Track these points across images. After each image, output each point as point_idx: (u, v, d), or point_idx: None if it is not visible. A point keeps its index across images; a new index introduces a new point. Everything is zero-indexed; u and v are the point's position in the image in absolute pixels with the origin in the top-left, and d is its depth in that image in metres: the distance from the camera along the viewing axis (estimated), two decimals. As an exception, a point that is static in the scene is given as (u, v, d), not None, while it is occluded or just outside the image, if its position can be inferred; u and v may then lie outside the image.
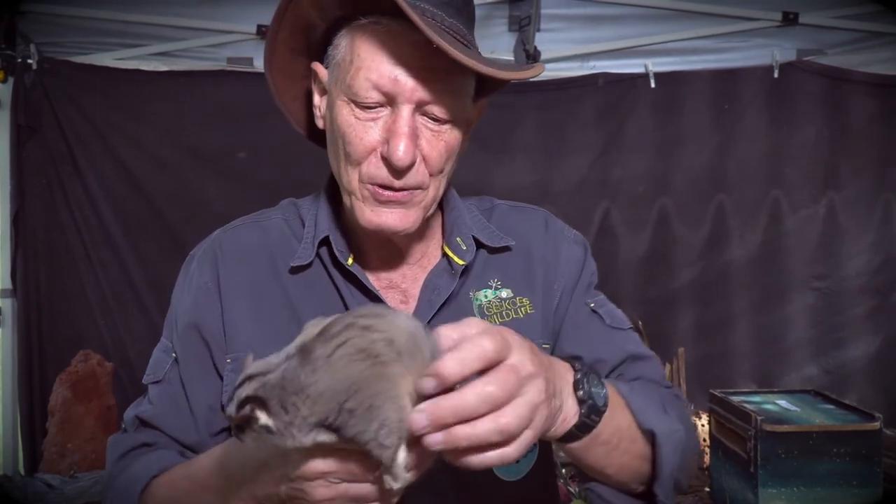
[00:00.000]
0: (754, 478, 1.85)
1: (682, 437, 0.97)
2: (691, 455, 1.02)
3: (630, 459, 0.94)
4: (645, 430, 0.94)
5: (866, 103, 3.06)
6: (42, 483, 2.34)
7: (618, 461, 0.92)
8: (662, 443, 0.94)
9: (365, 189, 0.99)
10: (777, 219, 3.12)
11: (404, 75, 0.93)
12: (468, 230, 1.10)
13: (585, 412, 0.83)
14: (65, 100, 2.90)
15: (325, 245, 1.07)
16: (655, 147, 3.12)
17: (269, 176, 2.84)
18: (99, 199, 2.94)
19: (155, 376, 1.09)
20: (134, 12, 2.88)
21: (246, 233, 1.12)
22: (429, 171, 0.99)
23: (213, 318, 1.06)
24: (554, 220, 1.20)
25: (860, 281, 3.09)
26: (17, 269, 2.90)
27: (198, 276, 1.08)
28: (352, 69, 0.96)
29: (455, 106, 0.97)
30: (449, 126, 0.98)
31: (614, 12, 3.00)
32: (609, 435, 0.88)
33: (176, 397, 1.07)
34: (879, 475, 1.84)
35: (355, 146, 0.97)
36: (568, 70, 3.08)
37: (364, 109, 0.96)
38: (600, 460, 0.91)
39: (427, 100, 0.94)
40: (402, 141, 0.93)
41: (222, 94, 2.91)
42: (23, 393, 2.89)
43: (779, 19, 3.00)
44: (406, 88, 0.93)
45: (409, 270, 1.10)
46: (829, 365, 3.09)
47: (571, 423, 0.83)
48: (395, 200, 0.98)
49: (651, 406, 0.96)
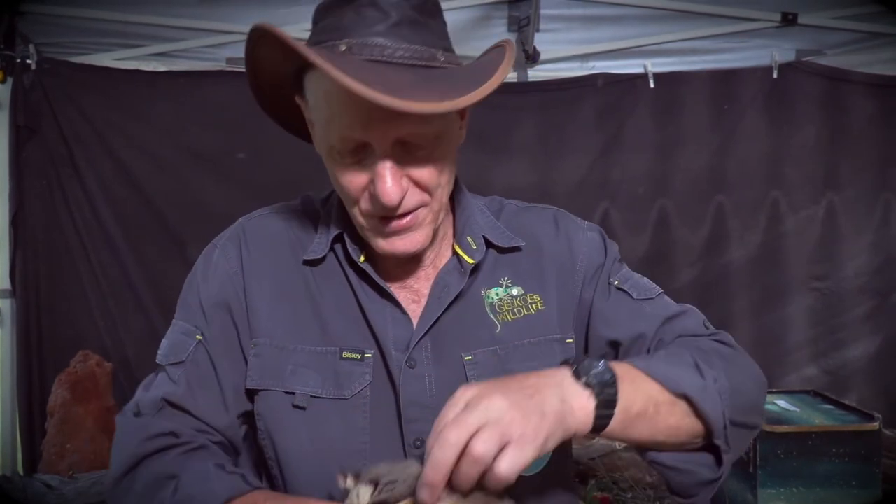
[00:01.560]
0: (753, 478, 1.85)
1: (723, 387, 0.96)
2: (747, 392, 1.01)
3: (678, 420, 0.94)
4: (678, 395, 0.93)
5: (866, 104, 3.06)
6: (41, 484, 2.34)
7: (664, 426, 0.93)
8: (699, 401, 0.93)
9: (370, 221, 1.01)
10: (776, 219, 3.12)
11: (373, 120, 0.90)
12: (479, 230, 1.11)
13: (598, 390, 0.85)
14: (64, 100, 2.89)
15: (340, 242, 1.09)
16: (655, 147, 3.12)
17: (269, 176, 2.84)
18: (98, 199, 2.94)
19: (176, 357, 1.06)
20: (133, 13, 2.87)
21: (270, 221, 1.14)
22: (427, 190, 0.99)
23: (239, 302, 1.07)
24: (564, 215, 1.21)
25: (860, 281, 3.09)
26: (16, 270, 2.89)
27: (224, 263, 1.10)
28: (324, 120, 0.96)
29: (432, 131, 0.95)
30: (436, 143, 0.96)
31: (614, 13, 2.99)
32: (643, 405, 0.89)
33: (203, 377, 1.05)
34: (879, 476, 1.84)
35: (348, 190, 0.99)
36: (567, 70, 3.08)
37: (347, 156, 0.96)
38: (646, 431, 0.92)
39: (402, 136, 0.92)
40: (385, 184, 0.93)
41: (222, 94, 2.91)
42: (22, 393, 2.88)
43: (778, 20, 3.00)
44: (377, 133, 0.92)
45: (422, 270, 1.11)
46: (828, 365, 3.09)
47: (591, 408, 0.85)
48: (402, 228, 1.00)
49: (676, 369, 0.95)
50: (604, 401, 0.86)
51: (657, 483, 2.30)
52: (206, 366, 1.06)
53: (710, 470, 0.99)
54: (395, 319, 1.06)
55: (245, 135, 2.89)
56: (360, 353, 1.04)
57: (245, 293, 1.08)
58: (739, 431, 0.99)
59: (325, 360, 1.04)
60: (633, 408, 0.89)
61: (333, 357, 1.04)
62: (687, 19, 3.03)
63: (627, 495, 2.21)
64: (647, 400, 0.90)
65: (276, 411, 1.04)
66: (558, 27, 3.02)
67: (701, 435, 0.97)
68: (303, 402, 1.03)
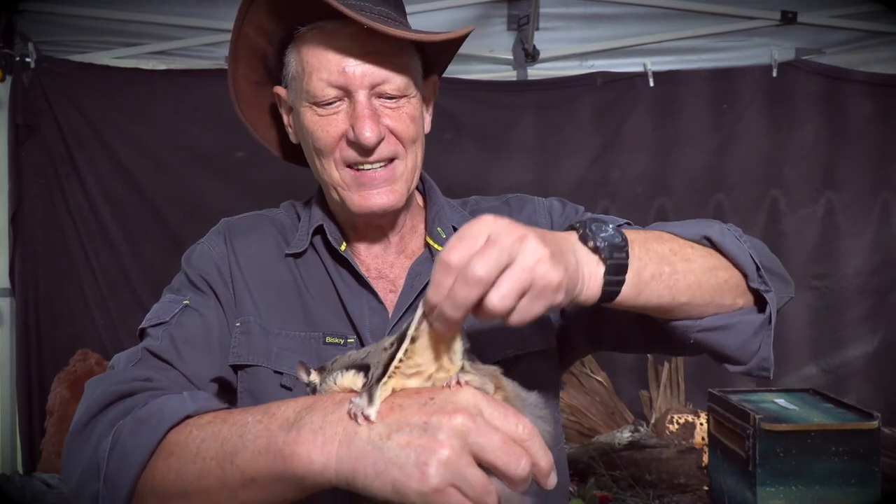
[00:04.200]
0: (753, 476, 1.85)
1: (740, 234, 0.97)
2: (765, 250, 1.01)
3: (698, 277, 0.91)
4: (695, 240, 0.93)
5: (865, 103, 3.06)
6: (40, 482, 2.34)
7: (685, 285, 0.89)
8: (720, 240, 0.93)
9: (346, 175, 1.06)
10: (775, 219, 3.12)
11: (351, 65, 1.02)
12: (448, 221, 1.17)
13: (607, 254, 0.82)
14: (63, 99, 2.89)
15: (320, 234, 1.13)
16: (654, 146, 3.12)
17: (267, 174, 2.83)
18: (97, 197, 2.94)
19: (160, 319, 1.06)
20: (132, 11, 2.87)
21: (252, 221, 1.20)
22: (400, 142, 1.06)
23: (225, 286, 1.11)
24: (521, 197, 1.25)
25: (858, 280, 3.09)
26: (15, 269, 2.89)
27: (210, 251, 1.14)
28: (305, 76, 1.05)
29: (405, 81, 1.05)
30: (405, 100, 1.06)
31: (613, 11, 2.99)
32: (655, 266, 0.87)
33: (189, 336, 1.05)
34: (878, 474, 1.84)
35: (323, 139, 1.05)
36: (566, 69, 3.08)
37: (324, 107, 1.04)
38: (666, 294, 0.88)
39: (378, 81, 1.03)
40: (365, 122, 1.01)
41: (221, 92, 2.88)
42: (21, 392, 2.88)
43: (777, 18, 3.00)
44: (356, 76, 1.02)
45: (397, 261, 1.15)
46: (827, 364, 3.10)
47: (601, 272, 0.82)
48: (379, 178, 1.06)
49: (689, 225, 0.96)
50: (613, 266, 0.82)
51: (656, 481, 2.30)
52: (193, 326, 1.06)
53: (758, 318, 0.97)
54: (371, 308, 1.08)
55: (244, 133, 2.85)
56: (342, 339, 1.07)
57: (231, 279, 1.11)
58: (773, 278, 0.97)
59: (308, 345, 1.07)
60: (645, 270, 0.85)
61: (317, 342, 1.07)
62: (686, 18, 3.03)
63: (627, 494, 2.21)
64: (660, 261, 0.87)
65: (266, 388, 1.05)
66: (558, 26, 3.02)
67: (732, 292, 0.94)
68: (289, 382, 1.04)
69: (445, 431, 0.68)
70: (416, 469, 0.67)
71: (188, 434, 0.82)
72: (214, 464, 0.78)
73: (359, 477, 0.69)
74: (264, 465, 0.74)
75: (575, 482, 2.31)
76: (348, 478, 0.70)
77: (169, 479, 0.81)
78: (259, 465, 0.75)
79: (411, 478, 0.67)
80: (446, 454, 0.67)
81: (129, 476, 0.82)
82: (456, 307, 0.69)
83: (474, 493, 0.67)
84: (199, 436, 0.81)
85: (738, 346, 0.98)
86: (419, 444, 0.68)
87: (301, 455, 0.72)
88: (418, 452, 0.67)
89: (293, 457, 0.72)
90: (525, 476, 0.69)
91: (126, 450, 0.83)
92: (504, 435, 0.69)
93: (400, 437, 0.69)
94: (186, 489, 0.80)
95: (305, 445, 0.72)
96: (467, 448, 0.68)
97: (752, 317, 0.98)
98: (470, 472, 0.67)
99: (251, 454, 0.75)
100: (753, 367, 1.01)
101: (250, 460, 0.75)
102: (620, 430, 2.48)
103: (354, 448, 0.70)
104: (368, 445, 0.70)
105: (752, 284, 0.96)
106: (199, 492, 0.79)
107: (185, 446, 0.81)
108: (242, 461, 0.76)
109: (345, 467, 0.70)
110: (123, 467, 0.82)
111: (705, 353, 1.01)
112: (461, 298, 0.69)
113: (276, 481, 0.75)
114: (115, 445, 0.84)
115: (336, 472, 0.71)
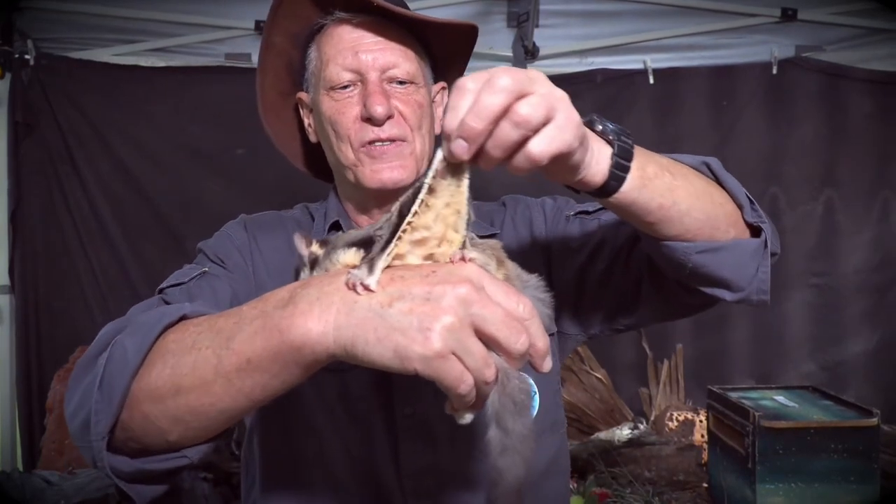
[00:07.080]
0: (752, 474, 1.85)
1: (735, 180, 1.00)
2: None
3: (697, 191, 0.94)
4: (694, 167, 0.96)
5: (865, 100, 3.05)
6: (40, 479, 2.34)
7: (685, 193, 0.91)
8: (718, 169, 0.99)
9: (360, 153, 1.14)
10: (775, 216, 3.11)
11: (364, 50, 1.13)
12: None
13: (615, 137, 0.85)
14: (62, 96, 2.89)
15: (336, 229, 1.20)
16: (654, 144, 3.05)
17: (268, 173, 2.83)
18: (97, 195, 2.93)
19: (177, 280, 1.06)
20: (131, 8, 2.86)
21: (270, 217, 1.26)
22: (408, 126, 1.15)
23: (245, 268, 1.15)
24: (514, 197, 1.33)
25: (858, 278, 3.09)
26: (14, 266, 2.89)
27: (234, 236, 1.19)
28: (323, 66, 1.16)
29: (414, 67, 1.16)
30: (414, 87, 1.16)
31: (613, 8, 2.99)
32: (657, 168, 0.89)
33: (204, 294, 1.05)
34: (877, 472, 1.84)
35: (340, 122, 1.14)
36: (566, 66, 3.07)
37: (340, 91, 1.14)
38: (668, 196, 0.90)
39: (388, 65, 1.14)
40: (375, 97, 1.11)
41: (220, 90, 2.90)
42: (21, 390, 2.88)
43: (777, 15, 2.99)
44: (368, 60, 1.13)
45: None
46: (827, 362, 3.09)
47: (609, 153, 0.85)
48: (388, 152, 1.13)
49: (685, 155, 1.00)
50: (620, 149, 0.85)
51: (656, 478, 2.31)
52: (210, 289, 1.06)
53: (755, 241, 0.99)
54: None
55: (244, 131, 2.87)
56: None
57: (253, 264, 1.16)
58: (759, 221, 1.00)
59: None
60: (648, 167, 0.88)
61: None
62: (686, 15, 3.02)
63: (626, 491, 2.21)
64: (660, 167, 0.90)
65: None
66: (557, 23, 3.01)
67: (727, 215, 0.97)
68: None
69: (449, 299, 0.67)
70: (419, 334, 0.66)
71: (184, 330, 0.81)
72: (210, 352, 0.76)
73: (358, 343, 0.68)
74: (260, 344, 0.73)
75: (574, 479, 2.31)
76: (347, 345, 0.69)
77: (164, 376, 0.78)
78: (255, 346, 0.73)
79: (415, 342, 0.66)
80: (450, 320, 0.66)
81: (124, 377, 0.79)
82: (481, 118, 0.68)
83: (475, 363, 0.67)
84: (195, 330, 0.80)
85: (736, 268, 0.98)
86: (422, 310, 0.67)
87: (298, 325, 0.71)
88: (421, 318, 0.66)
89: (290, 329, 0.71)
90: (523, 352, 0.69)
91: (122, 353, 0.80)
92: (505, 310, 0.69)
93: (402, 304, 0.68)
94: (180, 383, 0.77)
95: (302, 316, 0.71)
96: (469, 318, 0.67)
97: (749, 241, 0.99)
98: (472, 342, 0.67)
99: (247, 336, 0.74)
100: (752, 292, 1.01)
101: (246, 341, 0.74)
102: (620, 428, 2.48)
103: (354, 315, 0.69)
104: (369, 312, 0.69)
105: (746, 217, 0.98)
106: (194, 385, 0.76)
107: (181, 342, 0.79)
108: (238, 344, 0.74)
109: (344, 334, 0.69)
110: (117, 369, 0.80)
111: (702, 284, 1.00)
112: (488, 109, 0.68)
113: (273, 360, 0.73)
114: (112, 354, 0.81)
115: (335, 339, 0.70)
